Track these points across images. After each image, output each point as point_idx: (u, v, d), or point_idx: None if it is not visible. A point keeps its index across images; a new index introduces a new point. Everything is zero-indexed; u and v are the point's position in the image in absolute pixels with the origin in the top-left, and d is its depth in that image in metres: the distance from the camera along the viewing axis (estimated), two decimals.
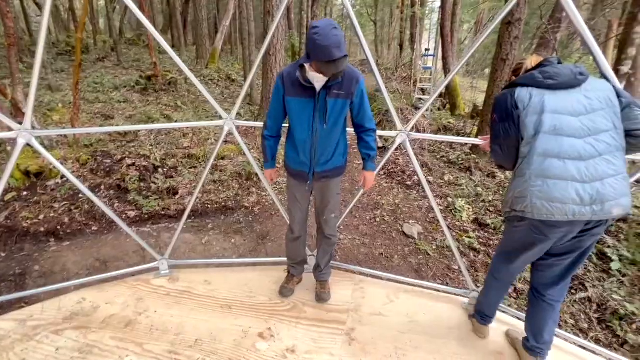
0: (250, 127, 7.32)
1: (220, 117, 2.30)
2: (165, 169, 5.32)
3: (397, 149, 2.27)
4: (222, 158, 5.93)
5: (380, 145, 7.38)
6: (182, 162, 5.59)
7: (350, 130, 1.95)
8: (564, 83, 1.34)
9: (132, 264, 3.24)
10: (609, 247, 3.34)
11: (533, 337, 1.62)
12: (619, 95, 1.34)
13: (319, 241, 2.20)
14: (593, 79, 1.37)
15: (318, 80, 1.65)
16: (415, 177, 5.70)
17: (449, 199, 4.93)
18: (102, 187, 4.75)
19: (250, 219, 4.44)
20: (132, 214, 4.29)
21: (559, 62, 1.40)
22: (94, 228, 4.01)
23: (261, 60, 2.03)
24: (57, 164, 2.10)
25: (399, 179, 5.75)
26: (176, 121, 7.48)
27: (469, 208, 4.70)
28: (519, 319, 2.04)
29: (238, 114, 2.34)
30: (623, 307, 2.80)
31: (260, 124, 2.14)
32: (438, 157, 6.62)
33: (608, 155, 1.27)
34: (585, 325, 2.80)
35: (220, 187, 5.07)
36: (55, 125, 6.59)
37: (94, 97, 8.60)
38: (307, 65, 1.63)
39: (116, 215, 2.42)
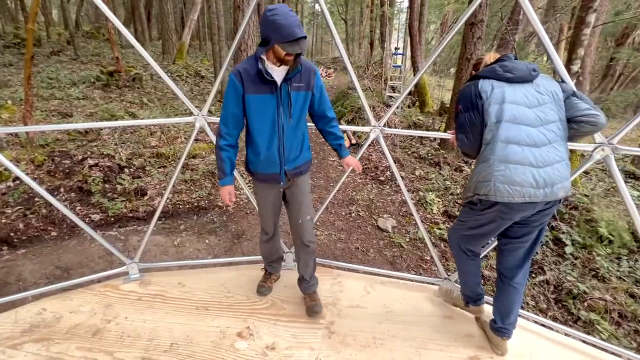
0: None
1: (191, 114, 2.23)
2: (131, 169, 5.06)
3: (369, 146, 2.32)
4: (194, 157, 5.74)
5: (354, 142, 7.49)
6: (150, 162, 5.35)
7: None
8: (521, 77, 1.46)
9: (98, 270, 3.06)
10: (563, 233, 3.63)
11: (500, 319, 1.73)
12: (563, 90, 1.49)
13: (298, 252, 2.05)
14: (542, 75, 1.51)
15: (278, 73, 1.60)
16: (388, 172, 5.85)
17: (420, 193, 5.11)
18: (62, 189, 4.44)
19: (225, 218, 4.35)
20: (96, 217, 4.05)
21: (515, 58, 1.53)
22: (54, 234, 3.75)
23: (232, 57, 1.99)
24: (9, 164, 1.93)
25: (373, 174, 5.88)
26: (143, 119, 7.13)
27: (438, 201, 4.90)
28: (488, 303, 2.17)
29: (209, 111, 2.27)
30: (576, 287, 3.06)
31: None
32: (409, 153, 6.83)
33: (555, 144, 1.41)
34: (544, 306, 3.03)
35: (192, 187, 4.91)
36: (5, 124, 6.05)
37: (49, 94, 7.98)
38: (264, 58, 1.57)
39: (79, 219, 2.28)
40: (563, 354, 1.81)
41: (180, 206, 4.46)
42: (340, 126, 1.98)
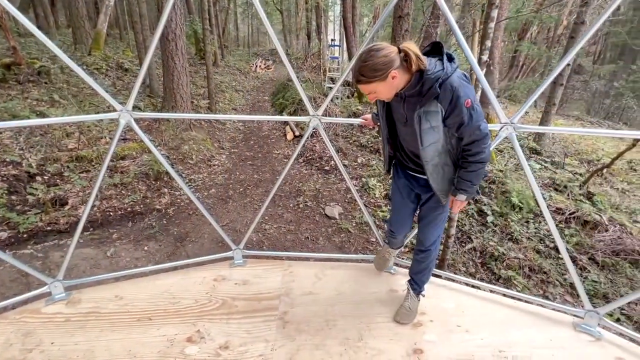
0: (153, 121, 6.57)
1: (115, 110, 2.02)
2: (45, 177, 4.41)
3: (314, 137, 2.35)
4: (123, 158, 5.21)
5: (297, 133, 7.51)
6: (68, 167, 4.72)
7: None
8: None
9: (11, 295, 2.64)
10: (484, 204, 4.14)
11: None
12: None
13: None
14: None
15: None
16: (332, 162, 6.01)
17: (363, 179, 5.36)
18: None
19: (165, 221, 4.06)
20: (2, 235, 3.46)
21: None
22: None
23: (158, 47, 1.84)
24: None
25: (317, 165, 5.98)
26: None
27: (380, 186, 5.19)
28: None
29: (137, 107, 2.07)
30: (497, 250, 3.53)
31: (165, 115, 1.95)
32: (351, 141, 7.08)
33: None
34: (473, 270, 3.44)
35: (123, 191, 4.47)
36: None
37: None
38: None
39: None
40: (489, 308, 2.07)
41: (111, 213, 4.04)
42: (280, 117, 1.98)
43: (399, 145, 1.70)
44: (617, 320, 3.28)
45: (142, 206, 4.23)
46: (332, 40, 13.30)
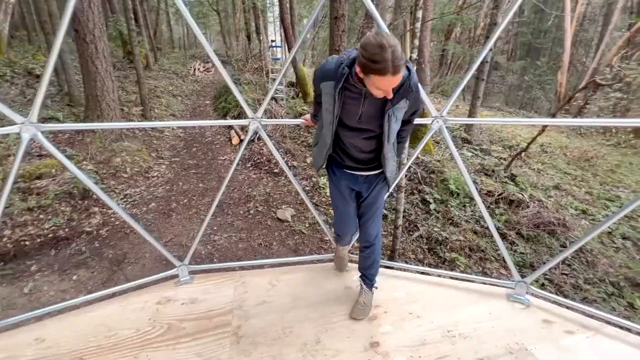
0: (76, 133, 5.85)
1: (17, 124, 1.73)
2: None
3: (260, 140, 2.27)
4: (39, 177, 4.54)
5: (243, 137, 7.27)
6: None
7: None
8: None
9: None
10: (427, 193, 4.41)
11: None
12: None
13: None
14: None
15: None
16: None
17: (314, 179, 5.37)
18: None
19: (97, 244, 3.63)
20: None
21: None
22: None
23: (67, 51, 1.59)
24: None
25: (266, 168, 5.86)
26: None
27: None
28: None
29: (55, 118, 1.81)
30: (440, 235, 3.78)
31: (85, 126, 1.72)
32: (299, 142, 7.07)
33: None
34: (422, 256, 3.64)
35: (42, 215, 3.90)
36: None
37: None
38: None
39: None
40: (437, 291, 2.19)
41: (27, 242, 3.49)
42: (221, 121, 1.88)
43: (339, 144, 1.67)
44: (542, 286, 3.75)
45: (67, 230, 3.73)
46: (272, 41, 13.16)
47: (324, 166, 1.79)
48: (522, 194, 5.34)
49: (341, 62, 1.41)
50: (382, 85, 1.26)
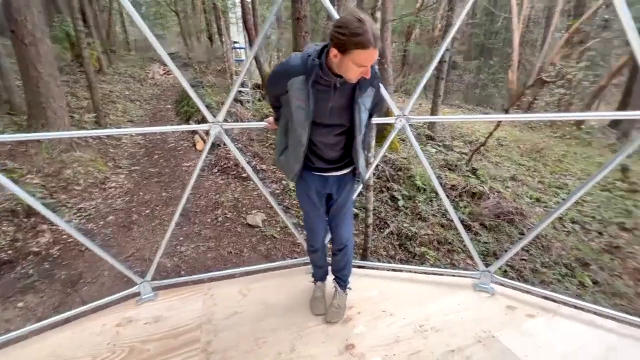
0: (18, 144, 5.32)
1: None
2: None
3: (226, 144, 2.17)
4: None
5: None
6: None
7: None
8: None
9: None
10: (395, 190, 4.51)
11: None
12: None
13: None
14: None
15: None
16: (250, 167, 5.78)
17: (284, 182, 5.30)
18: None
19: (47, 265, 3.32)
20: None
21: None
22: None
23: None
24: None
25: (234, 173, 5.69)
26: None
27: None
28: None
29: None
30: (410, 230, 3.88)
31: (32, 136, 1.54)
32: (267, 145, 6.95)
33: None
34: (393, 252, 3.71)
35: None
36: None
37: None
38: None
39: None
40: (408, 287, 2.22)
41: None
42: (181, 127, 1.77)
43: (310, 146, 1.57)
44: (505, 272, 3.98)
45: (10, 252, 3.36)
46: (234, 42, 12.86)
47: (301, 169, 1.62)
48: (482, 187, 5.64)
49: (308, 55, 1.37)
50: (363, 60, 1.23)
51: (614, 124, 11.25)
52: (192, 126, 2.08)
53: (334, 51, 1.25)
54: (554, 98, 10.87)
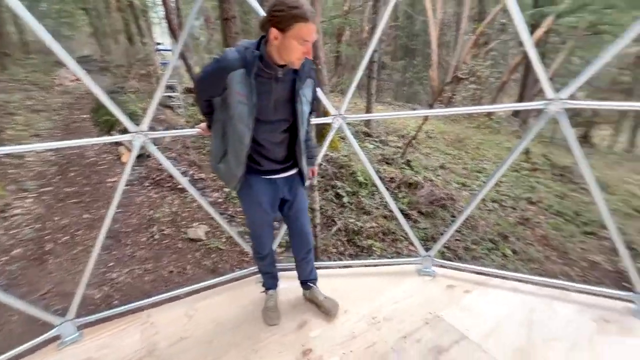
0: None
1: None
2: None
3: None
4: None
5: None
6: None
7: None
8: None
9: None
10: (339, 188, 4.62)
11: None
12: None
13: None
14: None
15: None
16: (187, 178, 5.40)
17: (226, 190, 5.06)
18: None
19: None
20: None
21: None
22: None
23: None
24: None
25: (169, 185, 5.26)
26: None
27: None
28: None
29: None
30: (356, 225, 4.01)
31: None
32: (204, 152, 6.57)
33: None
34: (342, 248, 3.79)
35: None
36: None
37: None
38: None
39: None
40: (359, 282, 2.27)
41: None
42: (101, 139, 1.55)
43: (254, 147, 1.49)
44: (443, 254, 4.35)
45: None
46: (157, 44, 11.91)
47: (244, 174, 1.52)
48: (417, 177, 6.09)
49: (245, 47, 1.31)
50: (305, 34, 1.22)
51: (516, 113, 13.13)
52: (112, 137, 1.85)
53: (274, 32, 1.22)
54: (469, 93, 12.26)
